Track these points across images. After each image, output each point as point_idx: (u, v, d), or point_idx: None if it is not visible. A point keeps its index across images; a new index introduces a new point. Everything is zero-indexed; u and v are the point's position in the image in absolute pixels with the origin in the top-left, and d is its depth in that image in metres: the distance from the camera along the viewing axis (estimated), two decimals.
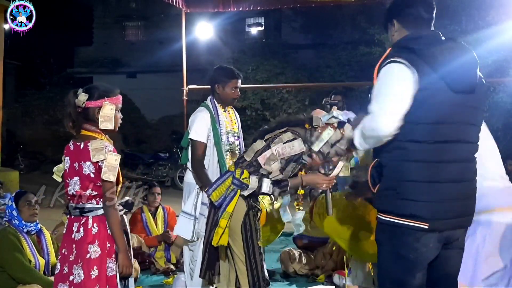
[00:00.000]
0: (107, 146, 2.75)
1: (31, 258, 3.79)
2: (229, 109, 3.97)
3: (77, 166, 2.79)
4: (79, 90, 2.85)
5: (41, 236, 3.94)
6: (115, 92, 2.90)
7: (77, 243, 2.76)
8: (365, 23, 14.32)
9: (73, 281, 2.73)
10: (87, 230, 2.75)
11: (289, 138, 2.98)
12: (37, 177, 12.70)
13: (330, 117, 3.07)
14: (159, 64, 18.88)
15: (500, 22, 9.37)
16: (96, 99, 2.81)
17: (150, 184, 6.04)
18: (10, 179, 7.79)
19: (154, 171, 12.57)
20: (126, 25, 22.85)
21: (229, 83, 3.84)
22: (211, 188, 3.06)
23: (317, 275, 4.91)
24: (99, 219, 2.78)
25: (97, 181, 2.74)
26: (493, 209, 2.80)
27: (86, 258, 2.72)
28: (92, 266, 2.71)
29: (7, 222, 3.90)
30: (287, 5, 8.97)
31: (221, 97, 3.86)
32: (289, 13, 18.47)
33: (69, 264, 2.77)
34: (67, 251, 2.80)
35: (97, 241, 2.74)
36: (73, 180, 2.81)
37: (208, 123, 3.78)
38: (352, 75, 15.02)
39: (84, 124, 2.82)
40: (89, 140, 2.77)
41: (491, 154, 2.88)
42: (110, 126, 2.80)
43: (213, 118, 3.80)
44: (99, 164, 2.72)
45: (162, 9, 18.52)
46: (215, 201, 3.05)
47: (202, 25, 10.33)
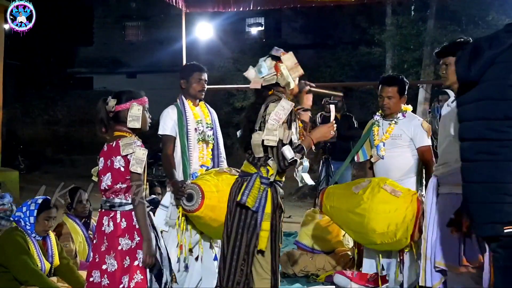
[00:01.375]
0: (135, 142, 3.02)
1: (37, 261, 3.70)
2: (201, 104, 4.04)
3: (109, 162, 3.04)
4: (108, 98, 3.10)
5: (47, 239, 3.86)
6: (141, 94, 3.17)
7: (108, 236, 3.01)
8: (365, 23, 14.34)
9: (107, 270, 2.98)
10: (117, 225, 3.00)
11: (274, 105, 3.00)
12: (37, 177, 12.71)
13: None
14: (159, 64, 18.89)
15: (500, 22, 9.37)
16: (125, 102, 3.07)
17: (151, 184, 6.05)
18: (10, 179, 7.78)
19: (154, 171, 12.54)
20: (126, 25, 22.87)
21: (192, 76, 3.94)
22: (244, 196, 3.00)
23: (317, 275, 4.91)
24: (127, 214, 3.01)
25: (127, 175, 2.98)
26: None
27: (118, 250, 2.97)
28: (124, 256, 2.97)
29: (15, 221, 3.78)
30: (287, 5, 8.96)
31: (187, 91, 3.96)
32: (289, 13, 18.50)
33: (101, 254, 3.02)
34: (98, 242, 3.05)
35: (126, 235, 2.99)
36: (106, 176, 3.05)
37: (173, 117, 3.88)
38: (352, 75, 15.03)
39: (116, 127, 3.09)
40: (120, 139, 3.04)
41: None
42: (138, 124, 3.06)
43: (179, 112, 3.88)
44: (128, 157, 2.98)
45: (162, 9, 18.53)
46: (252, 207, 3.01)
47: (202, 25, 10.33)
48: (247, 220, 3.04)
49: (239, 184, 3.10)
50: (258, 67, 3.18)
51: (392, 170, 3.80)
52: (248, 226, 3.03)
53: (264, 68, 3.15)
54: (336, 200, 3.71)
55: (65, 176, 11.09)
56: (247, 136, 3.13)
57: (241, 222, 3.06)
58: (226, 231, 3.13)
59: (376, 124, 3.97)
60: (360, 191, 3.58)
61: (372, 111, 3.92)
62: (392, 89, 3.83)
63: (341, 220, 3.77)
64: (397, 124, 3.86)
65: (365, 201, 3.52)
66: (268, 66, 3.14)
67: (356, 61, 15.24)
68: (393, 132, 3.86)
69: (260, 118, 3.05)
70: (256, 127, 3.06)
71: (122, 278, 2.96)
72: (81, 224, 4.44)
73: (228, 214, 3.15)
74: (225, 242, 3.13)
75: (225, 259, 3.12)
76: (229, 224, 3.12)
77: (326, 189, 3.87)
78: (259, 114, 3.07)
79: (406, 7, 13.46)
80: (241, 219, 3.06)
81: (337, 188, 3.93)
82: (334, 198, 3.72)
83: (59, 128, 18.00)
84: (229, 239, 3.10)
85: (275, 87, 3.13)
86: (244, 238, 3.04)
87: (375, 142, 3.93)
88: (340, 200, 3.70)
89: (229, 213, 3.14)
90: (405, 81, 3.91)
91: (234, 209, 3.10)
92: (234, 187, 3.13)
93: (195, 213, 3.44)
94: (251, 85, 3.22)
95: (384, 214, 3.42)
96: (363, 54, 14.66)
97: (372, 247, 3.74)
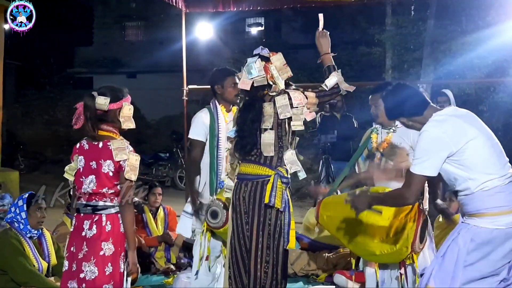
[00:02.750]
0: (128, 146, 2.86)
1: (34, 262, 3.70)
2: (234, 109, 3.92)
3: (94, 164, 2.85)
4: (94, 94, 2.90)
5: (42, 238, 3.87)
6: (127, 92, 3.01)
7: (89, 241, 2.81)
8: (365, 23, 14.34)
9: (85, 278, 2.78)
10: (101, 228, 2.82)
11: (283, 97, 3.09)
12: (37, 177, 12.70)
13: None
14: (159, 64, 18.85)
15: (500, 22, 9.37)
16: (116, 101, 2.90)
17: (151, 184, 6.04)
18: (10, 179, 7.77)
19: (154, 171, 12.55)
20: (126, 25, 22.85)
21: (226, 80, 3.85)
22: (272, 197, 3.02)
23: (317, 275, 4.91)
24: (113, 217, 2.85)
25: (115, 180, 2.83)
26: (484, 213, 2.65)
27: (99, 255, 2.79)
28: (106, 263, 2.79)
29: (8, 223, 3.79)
30: (287, 5, 8.96)
31: (222, 96, 3.87)
32: (289, 13, 18.48)
33: (78, 261, 2.81)
34: (76, 248, 2.84)
35: (111, 239, 2.82)
36: (88, 178, 2.86)
37: (206, 122, 3.80)
38: (352, 75, 15.00)
39: (101, 125, 2.90)
40: (108, 140, 2.86)
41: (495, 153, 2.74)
42: (132, 125, 2.93)
43: (212, 118, 3.80)
44: (120, 163, 2.81)
45: (162, 9, 18.50)
46: (281, 208, 3.05)
47: (202, 25, 10.31)
48: (272, 221, 3.06)
49: (256, 187, 3.09)
50: (248, 68, 3.18)
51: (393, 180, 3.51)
52: (274, 227, 3.05)
53: (254, 70, 3.15)
54: (333, 209, 3.55)
55: None
56: (254, 137, 3.13)
57: (265, 223, 3.06)
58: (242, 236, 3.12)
59: (375, 132, 3.80)
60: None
61: None
62: (376, 96, 3.63)
63: (338, 230, 3.57)
64: (396, 132, 3.65)
65: None
66: (258, 67, 3.14)
67: (356, 61, 15.21)
68: (392, 141, 3.67)
69: (269, 117, 3.08)
70: (264, 126, 3.10)
71: (104, 286, 2.78)
72: None
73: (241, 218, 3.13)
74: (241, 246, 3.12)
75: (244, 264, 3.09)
76: (246, 228, 3.11)
77: (323, 199, 3.70)
78: (264, 112, 3.10)
79: (406, 7, 13.44)
80: (265, 221, 3.06)
81: (334, 197, 3.73)
82: (331, 207, 3.58)
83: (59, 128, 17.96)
84: (250, 242, 3.08)
85: (268, 88, 3.18)
86: (270, 240, 3.05)
87: (372, 150, 3.77)
88: (337, 209, 3.52)
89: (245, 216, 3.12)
90: None
91: (253, 212, 3.08)
92: (249, 191, 3.11)
93: (221, 230, 3.41)
94: (239, 85, 3.25)
95: (382, 222, 3.26)
96: (363, 54, 14.64)
97: (371, 259, 3.54)
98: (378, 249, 3.31)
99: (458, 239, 2.70)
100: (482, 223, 2.65)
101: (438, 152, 2.66)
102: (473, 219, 2.70)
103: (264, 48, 3.26)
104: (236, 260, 3.15)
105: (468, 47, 10.32)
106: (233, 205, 3.20)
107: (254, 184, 3.11)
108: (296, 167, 3.16)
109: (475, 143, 2.68)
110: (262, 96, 3.17)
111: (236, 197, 3.19)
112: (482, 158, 2.69)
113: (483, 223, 2.65)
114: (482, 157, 2.68)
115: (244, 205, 3.13)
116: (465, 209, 2.75)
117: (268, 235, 3.06)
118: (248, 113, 3.21)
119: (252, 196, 3.10)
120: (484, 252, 2.65)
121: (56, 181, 3.09)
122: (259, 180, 3.09)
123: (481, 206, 2.66)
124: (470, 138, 2.68)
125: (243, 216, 3.14)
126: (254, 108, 3.16)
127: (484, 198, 2.66)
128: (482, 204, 2.66)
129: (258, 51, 3.26)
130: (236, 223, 3.17)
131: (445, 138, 2.66)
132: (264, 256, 3.05)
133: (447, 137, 2.66)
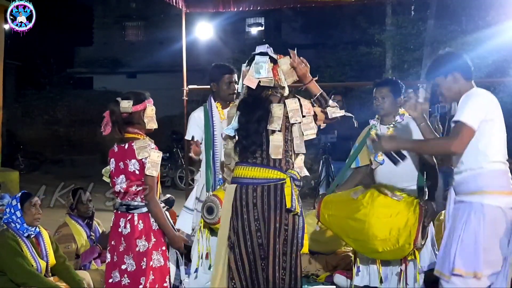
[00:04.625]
0: (150, 144, 3.08)
1: (32, 262, 3.69)
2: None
3: (122, 165, 3.10)
4: (118, 99, 3.14)
5: (40, 238, 3.86)
6: (148, 95, 3.24)
7: (125, 237, 3.09)
8: (365, 23, 14.33)
9: (127, 269, 3.08)
10: (134, 227, 3.07)
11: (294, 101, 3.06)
12: (37, 177, 12.69)
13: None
14: (159, 64, 18.87)
15: (500, 22, 9.38)
16: (139, 103, 3.13)
17: None
18: (10, 179, 7.77)
19: None
20: (126, 25, 22.86)
21: (222, 78, 3.83)
22: (293, 202, 2.92)
23: (317, 275, 4.91)
24: (144, 216, 3.09)
25: (142, 177, 3.06)
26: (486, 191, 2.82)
27: (136, 251, 3.06)
28: (142, 258, 3.06)
29: (5, 224, 3.77)
30: (287, 5, 8.95)
31: (218, 94, 3.85)
32: (289, 13, 18.50)
33: (119, 254, 3.10)
34: (116, 242, 3.13)
35: (143, 236, 3.07)
36: (119, 178, 3.11)
37: (199, 122, 3.81)
38: (352, 75, 15.01)
39: (127, 128, 3.13)
40: (133, 141, 3.09)
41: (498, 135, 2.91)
42: (155, 125, 3.18)
43: (206, 116, 3.80)
44: (143, 161, 3.03)
45: (162, 9, 18.52)
46: (299, 212, 2.98)
47: (202, 25, 10.32)
48: (289, 226, 2.96)
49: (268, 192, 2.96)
50: (257, 67, 3.12)
51: (396, 175, 3.52)
52: (292, 232, 2.96)
53: (263, 70, 3.10)
54: (334, 207, 3.56)
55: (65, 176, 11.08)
56: (259, 137, 3.03)
57: (281, 229, 2.94)
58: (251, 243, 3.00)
59: (374, 128, 3.77)
60: (359, 196, 3.44)
61: (372, 111, 3.88)
62: (385, 89, 3.75)
63: (340, 228, 3.58)
64: (396, 128, 3.66)
65: (364, 206, 3.37)
66: (267, 69, 3.10)
67: (356, 61, 15.21)
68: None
69: (277, 119, 3.00)
70: (273, 127, 3.01)
71: (141, 279, 3.05)
72: (84, 224, 4.42)
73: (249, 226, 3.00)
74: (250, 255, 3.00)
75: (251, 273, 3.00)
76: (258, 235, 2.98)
77: (324, 198, 3.70)
78: (273, 113, 3.02)
79: (406, 7, 13.46)
80: (281, 226, 2.94)
81: (335, 196, 3.72)
82: (332, 206, 3.58)
83: (59, 128, 17.98)
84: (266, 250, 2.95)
85: (273, 89, 3.13)
86: (287, 246, 2.95)
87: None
88: (338, 207, 3.55)
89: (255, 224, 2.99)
90: (400, 83, 3.80)
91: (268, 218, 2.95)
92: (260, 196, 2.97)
93: (217, 225, 3.38)
94: (245, 81, 3.14)
95: (385, 219, 3.28)
96: (363, 54, 14.64)
97: (373, 256, 3.54)
98: (381, 246, 3.31)
99: (471, 219, 2.81)
100: (485, 200, 2.80)
101: (482, 110, 2.83)
102: (473, 196, 2.84)
103: (269, 47, 3.21)
104: (243, 269, 3.02)
105: (468, 47, 10.30)
106: (235, 211, 3.04)
107: (266, 189, 2.97)
108: (305, 172, 3.17)
109: (498, 122, 2.89)
110: (267, 97, 3.10)
111: (241, 203, 3.02)
112: (498, 139, 2.89)
113: (486, 200, 2.81)
114: (498, 138, 2.89)
115: (255, 212, 2.98)
116: (466, 188, 2.89)
117: (284, 241, 2.95)
118: (253, 112, 3.07)
119: (266, 202, 2.96)
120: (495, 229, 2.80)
121: (56, 181, 3.13)
122: (270, 184, 2.97)
123: (485, 184, 2.83)
124: (497, 116, 2.89)
125: (252, 224, 2.99)
126: (261, 107, 3.05)
127: (490, 177, 2.84)
128: (486, 183, 2.83)
129: (264, 50, 3.19)
130: (243, 232, 3.01)
131: (489, 103, 2.89)
132: (281, 262, 2.94)
133: (490, 103, 2.89)
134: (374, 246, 3.35)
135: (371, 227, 3.31)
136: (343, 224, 3.50)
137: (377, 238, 3.30)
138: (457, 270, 2.79)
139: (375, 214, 3.32)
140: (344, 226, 3.50)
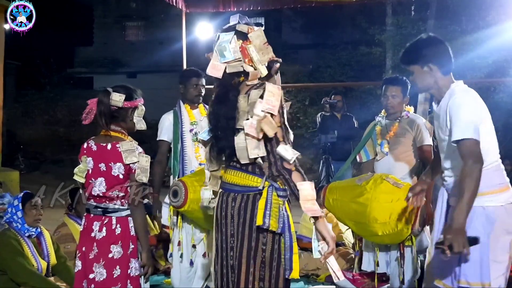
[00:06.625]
0: (137, 148, 2.81)
1: (33, 262, 3.70)
2: (200, 106, 4.15)
3: (103, 167, 2.79)
4: (109, 90, 2.85)
5: (41, 238, 3.86)
6: (140, 93, 2.98)
7: (98, 242, 2.78)
8: (365, 23, 14.34)
9: (94, 279, 2.76)
10: (111, 231, 2.78)
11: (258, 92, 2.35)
12: (37, 177, 12.69)
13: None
14: (159, 64, 18.88)
15: (500, 22, 9.39)
16: (130, 99, 2.85)
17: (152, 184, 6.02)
18: (10, 179, 7.77)
19: None
20: (126, 25, 22.86)
21: (189, 81, 4.08)
22: (266, 218, 2.29)
23: (317, 275, 4.91)
24: (123, 220, 2.81)
25: (125, 182, 2.78)
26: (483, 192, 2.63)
27: (108, 258, 2.75)
28: (115, 265, 2.75)
29: (7, 223, 3.79)
30: (287, 5, 8.96)
31: (185, 96, 4.11)
32: (289, 13, 18.50)
33: (89, 262, 2.78)
34: (86, 249, 2.81)
35: (120, 242, 2.78)
36: (98, 180, 2.80)
37: (167, 123, 4.05)
38: (352, 75, 15.02)
39: (110, 124, 2.82)
40: (117, 142, 2.79)
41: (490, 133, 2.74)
42: (144, 126, 2.91)
43: (175, 116, 4.04)
44: (130, 166, 2.76)
45: (162, 9, 18.52)
46: (277, 229, 2.32)
47: (202, 25, 10.32)
48: (268, 247, 2.35)
49: (246, 203, 2.37)
50: (220, 49, 2.43)
51: (395, 167, 3.86)
52: (271, 254, 2.35)
53: (228, 52, 2.42)
54: (339, 192, 3.76)
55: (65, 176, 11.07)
56: (230, 138, 2.38)
57: (257, 250, 2.34)
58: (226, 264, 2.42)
59: (379, 125, 4.05)
60: (363, 183, 3.63)
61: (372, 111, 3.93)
62: (396, 88, 3.93)
63: (343, 212, 3.77)
64: (402, 123, 3.93)
65: (368, 191, 3.55)
66: (233, 48, 2.42)
67: (356, 61, 15.23)
68: (398, 130, 3.92)
69: (244, 114, 2.35)
70: (239, 125, 2.36)
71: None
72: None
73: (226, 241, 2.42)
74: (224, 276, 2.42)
75: None
76: (230, 255, 2.40)
77: (329, 184, 3.95)
78: (239, 108, 2.37)
79: (406, 7, 13.46)
80: (257, 247, 2.34)
81: (340, 182, 4.02)
82: (337, 191, 3.78)
83: (59, 128, 17.97)
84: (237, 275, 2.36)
85: (244, 74, 2.44)
86: (265, 270, 2.35)
87: (379, 141, 3.99)
88: (342, 192, 3.75)
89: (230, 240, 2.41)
90: (408, 83, 3.96)
91: (242, 235, 2.37)
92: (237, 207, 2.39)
93: (182, 208, 3.51)
94: (208, 71, 2.48)
95: (386, 204, 3.44)
96: (363, 54, 14.65)
97: (372, 239, 3.75)
98: (381, 229, 3.48)
99: (475, 226, 2.61)
100: (486, 203, 2.64)
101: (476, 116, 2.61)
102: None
103: (243, 16, 2.53)
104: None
105: (468, 47, 10.32)
106: (217, 221, 2.49)
107: (244, 199, 2.39)
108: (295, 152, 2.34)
109: (488, 120, 2.69)
110: (236, 85, 2.44)
111: (221, 213, 2.45)
112: (491, 136, 2.70)
113: (487, 202, 2.64)
114: (490, 135, 2.70)
115: (232, 226, 2.41)
116: None
117: (261, 264, 2.34)
118: (222, 107, 2.45)
119: (242, 215, 2.38)
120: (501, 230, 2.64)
121: (56, 181, 3.08)
122: (250, 193, 2.38)
123: (484, 185, 2.60)
124: (486, 114, 2.69)
125: (228, 240, 2.42)
126: (228, 101, 2.41)
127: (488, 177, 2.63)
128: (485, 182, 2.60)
129: (234, 21, 2.50)
130: (221, 247, 2.46)
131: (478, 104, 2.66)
132: None
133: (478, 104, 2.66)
134: (374, 229, 3.51)
135: (372, 210, 3.47)
136: (346, 208, 3.68)
137: (377, 221, 3.46)
138: (462, 282, 2.63)
139: (376, 198, 3.48)
140: (347, 210, 3.68)
